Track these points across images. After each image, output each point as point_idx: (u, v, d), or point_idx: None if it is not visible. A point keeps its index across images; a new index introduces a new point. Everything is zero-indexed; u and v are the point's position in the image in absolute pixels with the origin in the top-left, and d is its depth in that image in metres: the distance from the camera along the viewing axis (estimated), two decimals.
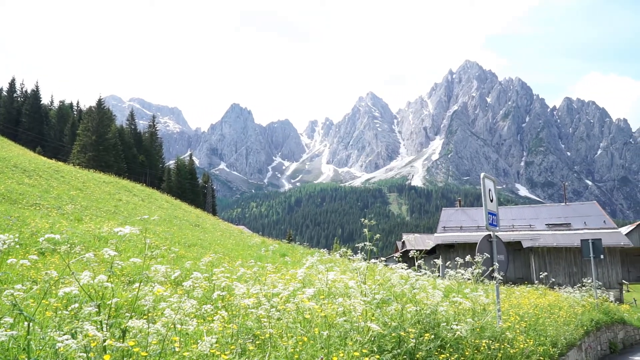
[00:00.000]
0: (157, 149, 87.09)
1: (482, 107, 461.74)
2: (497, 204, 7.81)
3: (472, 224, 37.29)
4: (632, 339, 19.10)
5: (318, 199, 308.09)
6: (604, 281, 30.82)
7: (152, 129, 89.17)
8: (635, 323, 20.70)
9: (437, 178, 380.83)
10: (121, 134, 73.37)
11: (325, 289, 4.34)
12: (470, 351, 4.92)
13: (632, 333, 19.46)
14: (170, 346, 3.15)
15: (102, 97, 70.78)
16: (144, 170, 74.14)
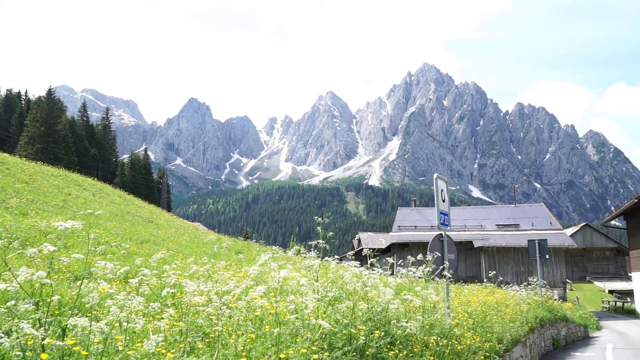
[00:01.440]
0: (110, 143, 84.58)
1: (438, 109, 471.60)
2: (449, 204, 7.99)
3: (427, 223, 38.05)
4: (574, 336, 19.94)
5: (276, 196, 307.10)
6: (549, 280, 32.07)
7: (105, 122, 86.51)
8: (577, 320, 21.64)
9: (393, 178, 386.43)
10: (72, 126, 70.85)
11: (278, 287, 4.32)
12: (419, 347, 5.00)
13: (574, 330, 20.32)
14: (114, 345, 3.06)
15: (52, 86, 68.14)
16: (96, 164, 71.90)
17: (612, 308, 39.60)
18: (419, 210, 42.63)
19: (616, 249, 56.17)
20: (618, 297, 43.63)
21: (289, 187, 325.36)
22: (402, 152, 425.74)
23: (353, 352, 4.08)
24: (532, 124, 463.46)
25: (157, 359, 3.11)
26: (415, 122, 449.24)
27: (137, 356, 2.98)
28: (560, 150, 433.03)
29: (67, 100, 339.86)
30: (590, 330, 23.37)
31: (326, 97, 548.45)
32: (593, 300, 43.92)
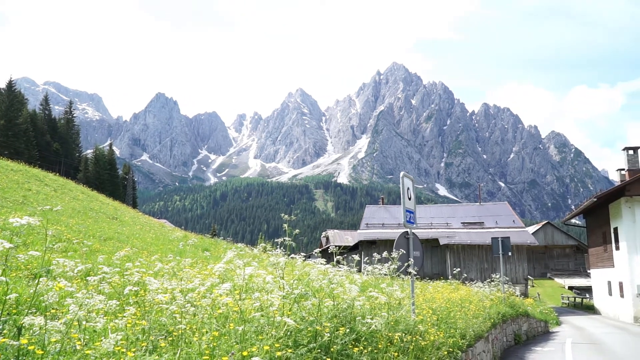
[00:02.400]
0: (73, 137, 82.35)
1: (407, 108, 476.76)
2: (415, 202, 8.09)
3: (394, 221, 38.46)
4: (534, 331, 20.51)
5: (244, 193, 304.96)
6: (512, 277, 32.89)
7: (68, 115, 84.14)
8: (538, 316, 22.25)
9: (362, 176, 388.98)
10: (34, 120, 68.67)
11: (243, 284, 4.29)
12: (383, 344, 5.05)
13: (535, 325, 20.89)
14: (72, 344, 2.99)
15: (13, 78, 65.90)
16: (59, 159, 69.91)
17: (571, 304, 40.88)
18: (386, 208, 43.05)
19: (576, 246, 57.99)
20: (577, 293, 45.07)
21: (257, 184, 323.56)
22: (370, 151, 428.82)
23: (318, 349, 4.09)
24: (498, 124, 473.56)
25: (117, 358, 3.05)
26: (384, 120, 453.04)
27: (96, 355, 2.91)
28: (524, 150, 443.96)
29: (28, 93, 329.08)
30: (551, 325, 24.08)
31: (296, 95, 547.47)
32: (553, 296, 45.26)
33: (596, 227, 33.12)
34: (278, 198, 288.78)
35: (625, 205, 26.49)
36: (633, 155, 29.47)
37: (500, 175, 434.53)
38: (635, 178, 26.34)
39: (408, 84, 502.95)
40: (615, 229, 28.48)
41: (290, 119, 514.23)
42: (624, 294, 27.49)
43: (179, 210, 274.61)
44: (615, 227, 28.46)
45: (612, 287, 30.21)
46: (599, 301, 33.87)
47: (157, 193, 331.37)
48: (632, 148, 29.75)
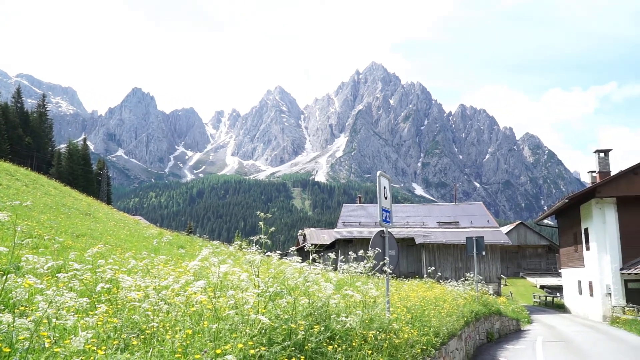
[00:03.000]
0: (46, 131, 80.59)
1: (385, 108, 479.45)
2: (391, 201, 8.15)
3: (371, 220, 38.67)
4: (507, 329, 20.86)
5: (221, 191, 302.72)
6: (485, 276, 33.39)
7: (41, 109, 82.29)
8: (510, 314, 22.64)
9: (340, 175, 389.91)
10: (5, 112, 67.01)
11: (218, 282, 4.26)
12: (358, 341, 5.08)
13: (507, 323, 21.25)
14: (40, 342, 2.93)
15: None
16: (31, 153, 68.33)
17: (542, 302, 41.71)
18: (363, 207, 43.26)
19: (548, 246, 59.16)
20: (548, 292, 46.01)
21: (235, 182, 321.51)
22: (348, 149, 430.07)
23: (292, 347, 4.09)
24: (474, 125, 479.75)
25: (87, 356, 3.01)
26: (362, 120, 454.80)
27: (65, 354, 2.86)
28: (499, 152, 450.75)
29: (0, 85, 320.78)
30: (522, 323, 24.52)
31: (274, 92, 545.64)
32: (525, 295, 46.11)
33: (567, 228, 33.84)
34: (255, 196, 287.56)
35: (595, 207, 27.13)
36: (604, 157, 30.19)
37: (476, 176, 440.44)
38: (605, 180, 26.99)
39: (386, 84, 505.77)
40: (586, 230, 29.15)
41: (268, 116, 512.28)
42: (594, 293, 28.17)
43: (155, 207, 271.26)
44: (586, 228, 29.12)
45: (582, 287, 30.91)
46: (570, 300, 34.63)
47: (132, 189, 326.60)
48: (603, 151, 30.48)
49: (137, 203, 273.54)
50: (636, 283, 25.55)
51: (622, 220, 26.45)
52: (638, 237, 25.84)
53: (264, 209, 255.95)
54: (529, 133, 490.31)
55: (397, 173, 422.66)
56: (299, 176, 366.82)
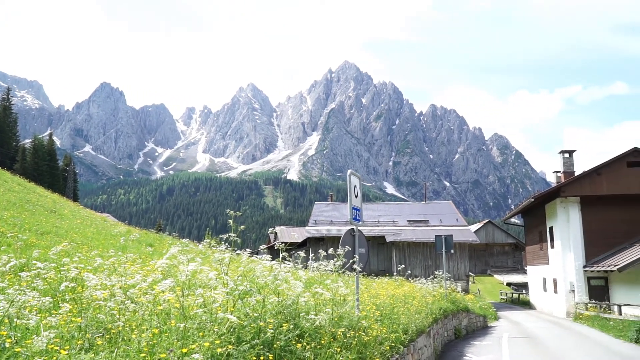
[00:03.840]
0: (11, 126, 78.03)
1: (357, 107, 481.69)
2: (361, 200, 8.21)
3: (342, 218, 38.83)
4: (474, 326, 21.25)
5: (192, 188, 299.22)
6: (454, 273, 33.93)
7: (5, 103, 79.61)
8: (477, 311, 23.07)
9: (312, 173, 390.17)
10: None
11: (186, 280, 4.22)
12: (327, 339, 5.11)
13: (475, 320, 21.65)
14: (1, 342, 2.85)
15: None
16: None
17: (509, 299, 42.65)
18: (335, 205, 43.40)
19: (514, 244, 60.53)
20: (515, 289, 47.06)
21: (206, 179, 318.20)
22: (321, 148, 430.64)
23: (260, 346, 4.09)
24: (444, 125, 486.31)
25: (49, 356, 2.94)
26: (334, 118, 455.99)
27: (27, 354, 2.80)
28: (468, 151, 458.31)
29: None
30: (489, 320, 25.03)
31: (247, 89, 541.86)
32: (493, 292, 47.06)
33: (533, 226, 34.68)
34: (227, 193, 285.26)
35: (560, 206, 27.87)
36: (568, 158, 31.04)
37: (446, 175, 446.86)
38: (569, 180, 27.76)
39: (359, 83, 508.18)
40: (551, 228, 29.93)
41: (240, 113, 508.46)
42: (558, 290, 28.95)
43: (123, 205, 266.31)
44: (551, 227, 29.90)
45: (546, 284, 31.73)
46: (535, 297, 35.50)
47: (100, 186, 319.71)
48: (567, 151, 31.33)
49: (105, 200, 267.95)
50: (598, 280, 26.38)
51: (586, 219, 27.25)
52: (600, 236, 26.68)
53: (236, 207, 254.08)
54: (497, 133, 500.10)
55: (368, 172, 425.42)
56: (271, 174, 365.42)
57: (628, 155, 27.06)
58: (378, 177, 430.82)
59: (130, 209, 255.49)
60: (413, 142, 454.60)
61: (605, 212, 26.98)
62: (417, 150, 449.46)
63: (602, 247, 26.50)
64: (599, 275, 26.18)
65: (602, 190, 26.86)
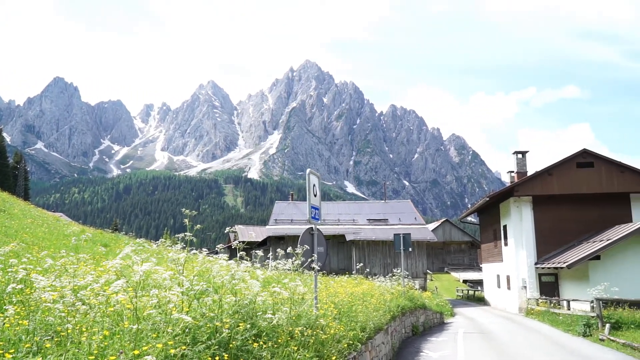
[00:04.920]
0: None
1: (318, 106, 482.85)
2: (320, 199, 8.25)
3: (303, 217, 38.82)
4: (431, 322, 21.67)
5: (150, 187, 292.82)
6: (412, 271, 34.51)
7: None
8: (434, 308, 23.54)
9: (273, 172, 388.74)
10: None
11: (140, 281, 4.15)
12: (284, 338, 5.12)
13: (432, 317, 22.08)
14: None
15: None
16: None
17: (465, 296, 43.71)
18: (295, 204, 43.39)
19: (471, 242, 62.06)
20: (471, 286, 48.26)
21: (164, 178, 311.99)
22: (282, 147, 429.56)
23: (216, 346, 4.06)
24: (404, 125, 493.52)
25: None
26: (295, 117, 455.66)
27: None
28: (427, 151, 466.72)
29: None
30: (446, 316, 25.59)
31: (207, 87, 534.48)
32: (450, 289, 48.13)
33: (488, 225, 35.66)
34: (186, 192, 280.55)
35: (513, 205, 28.76)
36: (521, 158, 32.06)
37: (405, 174, 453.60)
38: (522, 180, 28.68)
39: (320, 82, 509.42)
40: (505, 227, 30.85)
41: (200, 111, 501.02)
42: (511, 287, 29.87)
43: (78, 204, 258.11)
44: (505, 225, 30.82)
45: (500, 280, 32.69)
46: (489, 293, 36.51)
47: (53, 184, 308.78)
48: (521, 152, 32.35)
49: (58, 199, 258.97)
50: (549, 277, 27.37)
51: (537, 218, 28.22)
52: (551, 234, 27.69)
53: (195, 205, 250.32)
54: (455, 134, 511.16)
55: (329, 171, 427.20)
56: (231, 173, 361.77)
57: (577, 156, 28.16)
58: (339, 176, 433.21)
59: (85, 208, 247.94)
60: (373, 141, 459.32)
61: (556, 211, 28.01)
62: (377, 149, 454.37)
63: (553, 244, 27.50)
64: (549, 272, 27.15)
65: (553, 190, 27.87)
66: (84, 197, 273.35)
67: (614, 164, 27.85)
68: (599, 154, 28.27)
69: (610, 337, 15.13)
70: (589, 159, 28.02)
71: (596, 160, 28.00)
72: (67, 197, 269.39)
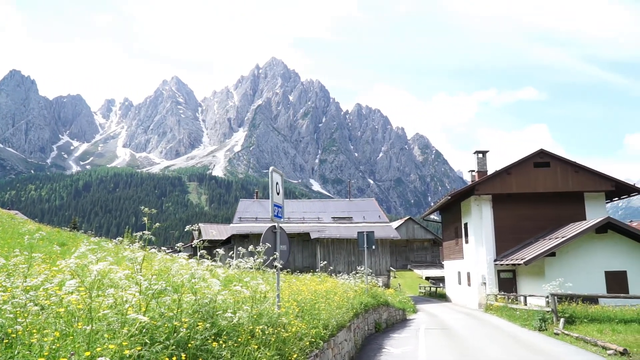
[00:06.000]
0: None
1: (284, 104, 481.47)
2: (283, 197, 8.24)
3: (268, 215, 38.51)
4: (394, 319, 21.96)
5: (111, 184, 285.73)
6: (375, 269, 34.85)
7: None
8: (397, 305, 23.85)
9: (238, 169, 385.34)
10: None
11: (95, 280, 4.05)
12: (244, 337, 5.09)
13: (394, 314, 22.37)
14: None
15: None
16: None
17: (427, 293, 44.43)
18: (260, 202, 43.18)
19: (433, 240, 63.13)
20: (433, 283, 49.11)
21: (126, 175, 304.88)
22: (247, 144, 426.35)
23: (174, 345, 4.01)
24: (369, 124, 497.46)
25: None
26: (261, 115, 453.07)
27: None
28: (392, 150, 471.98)
29: None
30: (408, 313, 25.97)
31: (171, 82, 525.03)
32: (412, 286, 48.84)
33: (450, 223, 36.35)
34: (148, 190, 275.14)
35: (474, 203, 29.41)
36: (482, 158, 32.81)
37: (370, 173, 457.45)
38: (483, 179, 29.35)
39: (286, 80, 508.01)
40: (466, 225, 31.51)
41: (164, 107, 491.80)
42: (471, 283, 30.55)
43: (34, 201, 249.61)
44: (466, 223, 31.48)
45: (461, 277, 33.39)
46: (451, 290, 37.25)
47: (8, 181, 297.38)
48: (481, 152, 33.11)
49: (13, 196, 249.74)
50: (507, 273, 28.12)
51: (497, 216, 28.95)
52: (510, 232, 28.46)
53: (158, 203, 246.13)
54: (418, 133, 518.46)
55: (295, 169, 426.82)
56: (195, 170, 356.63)
57: (534, 156, 29.02)
58: (304, 175, 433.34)
59: (43, 205, 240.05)
60: (339, 140, 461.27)
61: (515, 210, 28.80)
62: (342, 148, 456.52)
63: (512, 242, 28.28)
64: (508, 269, 27.91)
65: (511, 188, 28.64)
66: (41, 195, 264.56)
67: (569, 164, 28.82)
68: (555, 154, 29.20)
69: (564, 331, 15.67)
70: (545, 159, 28.91)
71: (552, 160, 28.91)
72: (23, 195, 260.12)
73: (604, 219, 24.20)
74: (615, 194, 29.87)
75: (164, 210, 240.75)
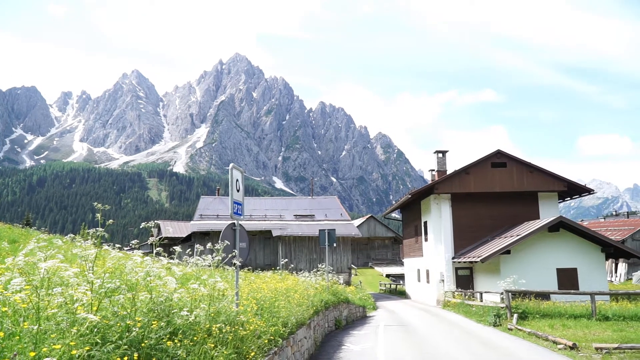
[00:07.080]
0: None
1: (248, 100, 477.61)
2: (243, 194, 8.19)
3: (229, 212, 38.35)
4: (354, 316, 22.14)
5: (67, 179, 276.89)
6: (337, 266, 35.06)
7: None
8: (357, 302, 24.06)
9: (200, 166, 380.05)
10: None
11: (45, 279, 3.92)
12: (201, 335, 5.04)
13: (355, 311, 22.56)
14: None
15: None
16: None
17: (388, 290, 45.02)
18: (222, 199, 42.73)
19: (394, 238, 63.98)
20: (393, 280, 49.78)
21: (83, 170, 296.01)
22: (209, 140, 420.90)
23: (127, 345, 3.93)
24: (332, 122, 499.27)
25: None
26: (224, 111, 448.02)
27: None
28: (355, 149, 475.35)
29: None
30: (368, 310, 26.23)
31: (131, 76, 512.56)
32: (373, 283, 49.37)
33: (410, 221, 36.92)
34: (106, 186, 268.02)
35: (434, 202, 29.96)
36: (442, 158, 33.44)
37: (333, 171, 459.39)
38: (442, 178, 29.93)
39: (250, 76, 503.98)
40: (425, 223, 32.07)
41: (123, 101, 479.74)
42: (430, 280, 31.13)
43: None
44: (425, 221, 32.04)
45: (420, 274, 33.97)
46: (410, 287, 37.85)
47: None
48: (441, 152, 33.74)
49: None
50: (465, 270, 28.80)
51: (456, 214, 29.59)
52: (468, 230, 29.14)
53: (116, 200, 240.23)
54: (381, 132, 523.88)
55: (258, 166, 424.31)
56: (155, 166, 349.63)
57: (492, 157, 29.79)
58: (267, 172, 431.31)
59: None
60: (302, 138, 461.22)
61: (473, 209, 29.51)
62: (306, 146, 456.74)
63: (469, 240, 28.97)
64: (465, 266, 28.58)
65: (470, 188, 29.32)
66: None
67: (525, 165, 29.73)
68: (511, 155, 30.06)
69: (517, 326, 16.16)
70: (502, 160, 29.72)
71: (509, 160, 29.75)
72: None
73: (556, 218, 25.08)
74: (568, 194, 31.02)
75: (122, 206, 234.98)
